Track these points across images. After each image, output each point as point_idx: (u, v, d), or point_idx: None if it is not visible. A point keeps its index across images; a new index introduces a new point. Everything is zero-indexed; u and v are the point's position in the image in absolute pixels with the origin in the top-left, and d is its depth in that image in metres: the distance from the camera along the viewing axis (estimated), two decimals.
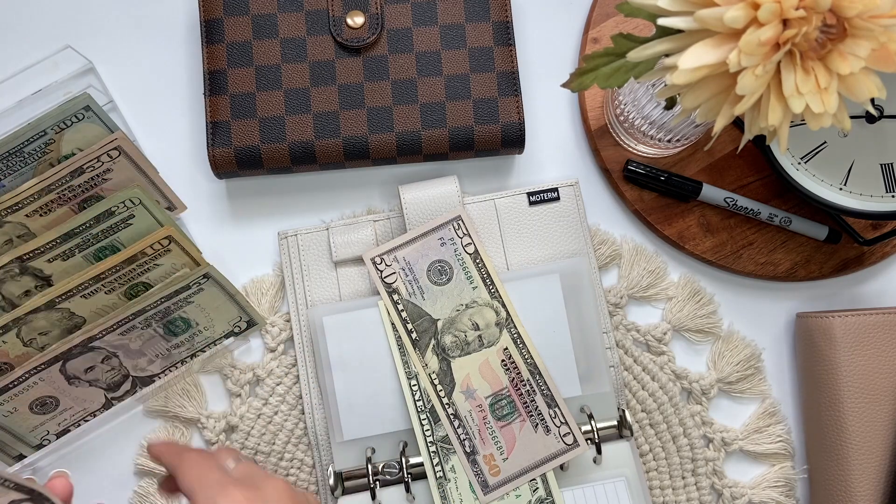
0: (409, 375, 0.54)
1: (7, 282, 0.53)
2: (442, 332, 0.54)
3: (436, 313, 0.54)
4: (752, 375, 0.59)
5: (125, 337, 0.53)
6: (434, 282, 0.54)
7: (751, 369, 0.59)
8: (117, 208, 0.53)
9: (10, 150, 0.53)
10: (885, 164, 0.55)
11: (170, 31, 0.62)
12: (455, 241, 0.55)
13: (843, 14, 0.35)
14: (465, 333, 0.54)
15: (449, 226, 0.55)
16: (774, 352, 0.61)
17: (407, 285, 0.54)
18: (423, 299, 0.54)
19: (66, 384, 0.53)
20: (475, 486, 0.52)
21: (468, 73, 0.58)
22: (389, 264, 0.55)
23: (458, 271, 0.54)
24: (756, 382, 0.60)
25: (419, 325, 0.54)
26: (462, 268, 0.54)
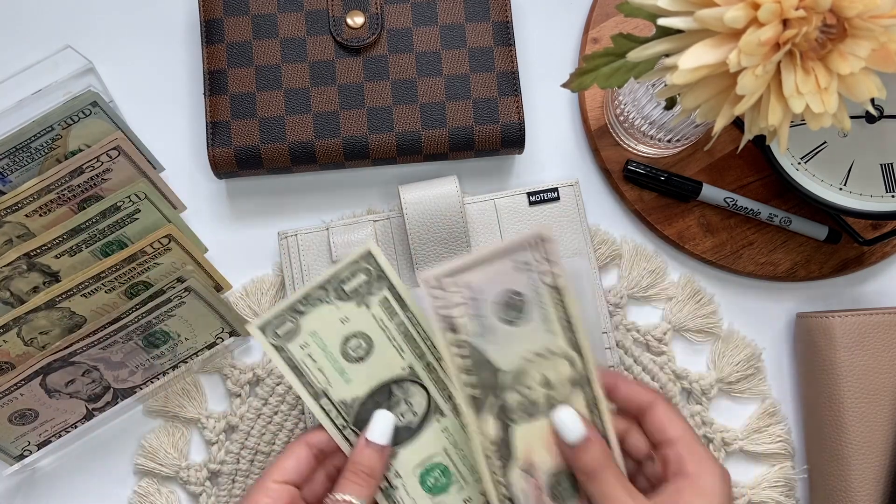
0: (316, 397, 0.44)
1: (15, 278, 0.53)
2: (504, 388, 0.42)
3: (499, 362, 0.42)
4: (752, 375, 0.59)
5: (106, 351, 0.53)
6: (502, 319, 0.41)
7: (751, 369, 0.59)
8: (123, 203, 0.53)
9: (16, 146, 0.53)
10: (884, 164, 0.55)
11: (170, 31, 0.62)
12: (532, 267, 0.41)
13: (843, 14, 0.35)
14: (531, 390, 0.42)
15: (527, 247, 0.41)
16: (774, 352, 0.61)
17: (472, 322, 0.41)
18: (487, 343, 0.41)
19: (47, 397, 0.53)
20: None
21: (468, 73, 0.58)
22: (448, 290, 0.41)
23: (533, 307, 0.41)
24: (756, 382, 0.60)
25: (481, 379, 0.41)
26: (538, 303, 0.41)
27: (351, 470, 0.43)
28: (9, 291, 0.54)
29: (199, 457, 0.58)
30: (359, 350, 0.44)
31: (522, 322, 0.42)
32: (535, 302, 0.41)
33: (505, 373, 0.42)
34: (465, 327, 0.41)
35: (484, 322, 0.41)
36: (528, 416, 0.42)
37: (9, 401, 0.52)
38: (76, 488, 0.57)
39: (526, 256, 0.41)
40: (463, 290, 0.41)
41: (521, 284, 0.41)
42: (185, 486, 0.57)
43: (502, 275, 0.41)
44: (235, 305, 0.58)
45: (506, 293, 0.41)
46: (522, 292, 0.41)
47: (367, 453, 0.43)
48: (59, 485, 0.57)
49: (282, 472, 0.43)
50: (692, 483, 0.40)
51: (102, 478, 0.58)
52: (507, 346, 0.42)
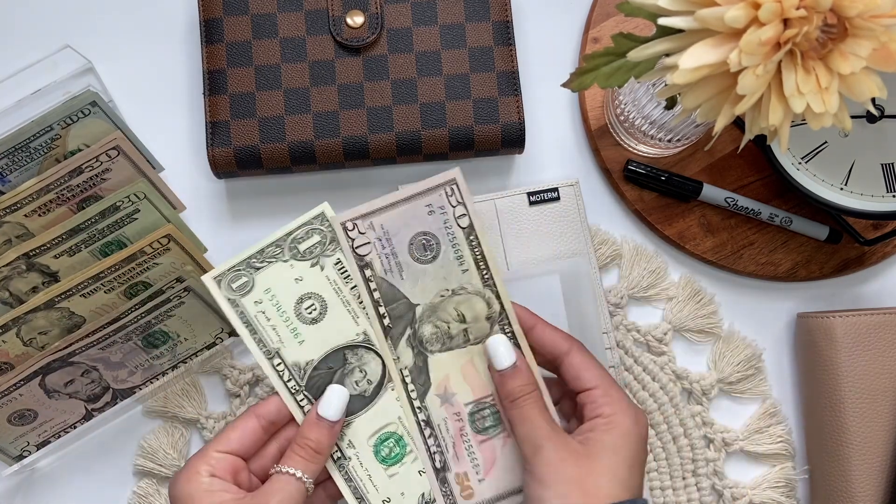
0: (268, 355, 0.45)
1: (14, 278, 0.53)
2: (421, 321, 0.45)
3: (415, 297, 0.45)
4: (753, 376, 0.59)
5: (105, 351, 0.53)
6: (416, 258, 0.44)
7: (751, 369, 0.59)
8: (122, 203, 0.53)
9: (16, 146, 0.53)
10: (885, 164, 0.55)
11: (169, 31, 0.62)
12: (446, 210, 0.44)
13: (843, 14, 0.35)
14: (448, 325, 0.45)
15: (441, 191, 0.44)
16: (775, 352, 0.61)
17: (383, 259, 0.44)
18: (402, 279, 0.45)
19: (46, 397, 0.53)
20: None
21: (468, 73, 0.58)
22: (364, 231, 0.44)
23: (447, 248, 0.44)
24: (757, 383, 0.59)
25: (394, 310, 0.45)
26: (452, 244, 0.44)
27: (299, 444, 0.43)
28: (8, 291, 0.54)
29: None
30: (312, 311, 0.44)
31: (436, 262, 0.44)
32: (447, 243, 0.44)
33: (420, 307, 0.45)
34: (379, 265, 0.44)
35: (398, 260, 0.44)
36: (444, 348, 0.45)
37: (8, 401, 0.52)
38: (76, 488, 0.57)
39: (439, 200, 0.44)
40: (377, 230, 0.44)
41: (433, 227, 0.44)
42: None
43: (415, 217, 0.44)
44: None
45: (419, 234, 0.44)
46: (435, 234, 0.44)
47: (317, 428, 0.43)
48: (58, 485, 0.57)
49: (226, 442, 0.43)
50: (607, 422, 0.41)
51: (102, 478, 0.58)
52: (422, 283, 0.45)
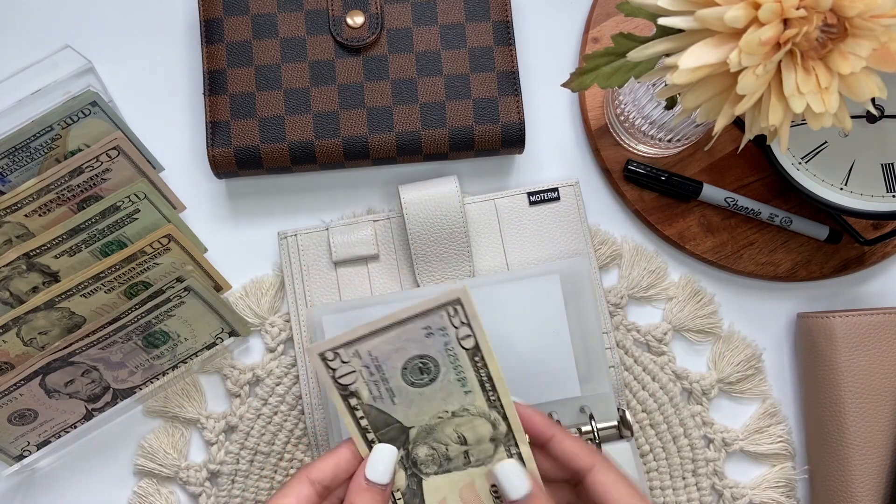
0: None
1: (14, 278, 0.53)
2: (415, 442, 0.40)
3: (409, 420, 0.40)
4: (753, 376, 0.59)
5: (105, 351, 0.53)
6: (411, 382, 0.39)
7: (751, 370, 0.59)
8: (123, 203, 0.53)
9: (16, 146, 0.53)
10: (885, 164, 0.55)
11: (169, 31, 0.62)
12: (447, 332, 0.38)
13: (843, 14, 0.35)
14: (446, 447, 0.40)
15: (442, 311, 0.38)
16: (775, 352, 0.61)
17: (371, 387, 0.38)
18: (394, 404, 0.39)
19: (47, 397, 0.53)
20: None
21: (468, 73, 0.58)
22: (347, 361, 0.38)
23: (447, 370, 0.38)
24: (757, 383, 0.59)
25: (383, 435, 0.39)
26: (453, 366, 0.38)
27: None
28: (8, 291, 0.54)
29: (199, 457, 0.58)
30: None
31: (433, 384, 0.39)
32: (447, 364, 0.38)
33: (414, 429, 0.40)
34: (367, 393, 0.38)
35: (388, 386, 0.39)
36: (441, 470, 0.40)
37: (8, 401, 0.52)
38: (76, 488, 0.57)
39: (439, 321, 0.37)
40: (363, 357, 0.38)
41: (432, 349, 0.38)
42: (184, 487, 0.57)
43: (410, 341, 0.38)
44: (235, 305, 0.58)
45: (414, 358, 0.38)
46: (433, 356, 0.38)
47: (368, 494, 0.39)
48: (58, 485, 0.57)
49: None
50: None
51: (102, 478, 0.58)
52: (417, 406, 0.39)
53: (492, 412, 0.39)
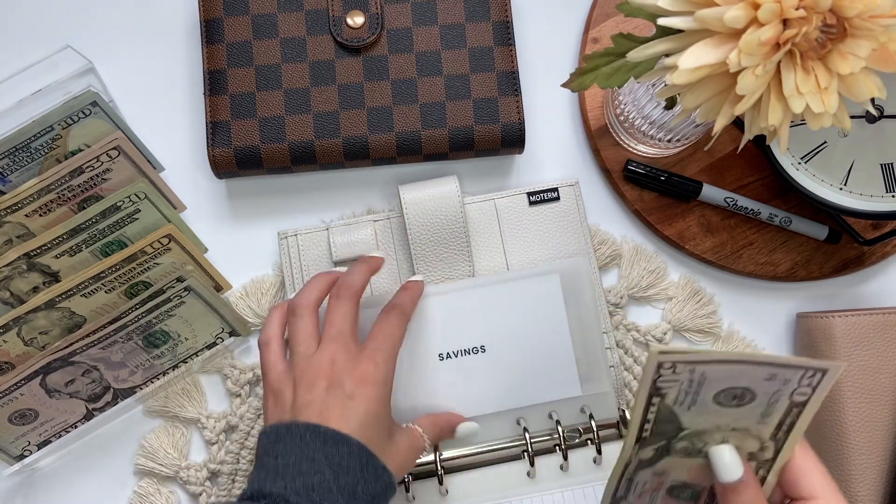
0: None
1: (15, 278, 0.53)
2: (680, 439, 0.39)
3: (690, 424, 0.38)
4: None
5: (106, 351, 0.53)
6: (719, 402, 0.37)
7: None
8: (123, 203, 0.53)
9: (16, 146, 0.53)
10: (885, 164, 0.55)
11: (170, 31, 0.62)
12: (791, 383, 0.36)
13: (843, 14, 0.35)
14: (704, 445, 0.39)
15: (802, 371, 0.36)
16: (774, 352, 0.61)
17: (680, 394, 0.37)
18: (688, 410, 0.38)
19: (47, 397, 0.53)
20: None
21: (468, 73, 0.58)
22: (679, 373, 0.36)
23: (759, 406, 0.37)
24: None
25: (659, 427, 0.39)
26: (767, 405, 0.37)
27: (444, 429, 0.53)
28: (9, 291, 0.54)
29: (199, 457, 0.58)
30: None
31: (737, 410, 0.37)
32: (765, 404, 0.37)
33: (688, 431, 0.39)
34: (670, 396, 0.37)
35: (695, 398, 0.37)
36: (686, 456, 0.40)
37: (9, 401, 0.52)
38: (76, 488, 0.57)
39: (790, 375, 0.35)
40: (694, 375, 0.36)
41: (762, 388, 0.36)
42: (185, 486, 0.57)
43: (746, 375, 0.36)
44: (235, 305, 0.58)
45: (739, 389, 0.37)
46: (757, 393, 0.37)
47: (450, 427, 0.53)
48: (59, 485, 0.57)
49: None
50: None
51: (102, 478, 0.58)
52: (706, 417, 0.38)
53: (770, 443, 0.39)
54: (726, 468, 0.38)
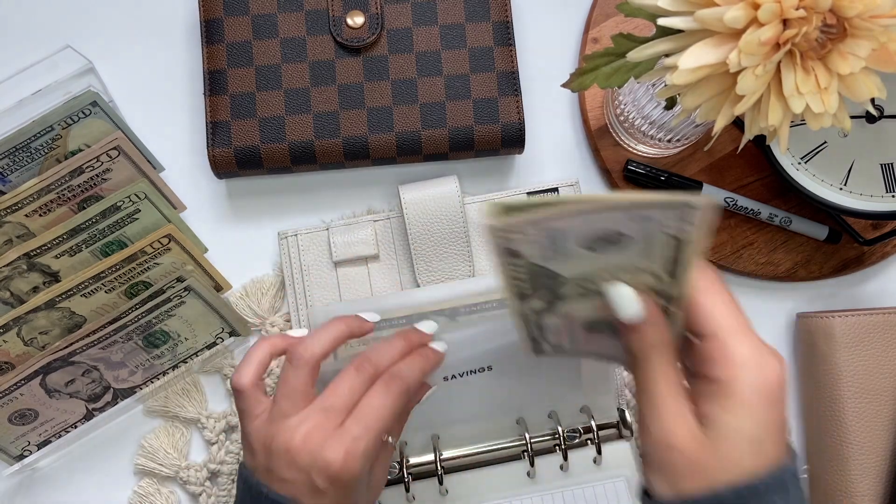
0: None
1: (15, 278, 0.53)
2: (564, 285, 0.37)
3: (566, 273, 0.36)
4: None
5: (106, 351, 0.53)
6: (589, 247, 0.34)
7: None
8: (123, 203, 0.53)
9: (16, 146, 0.53)
10: (885, 164, 0.55)
11: (170, 31, 0.62)
12: (662, 223, 0.33)
13: (843, 14, 0.35)
14: (594, 285, 0.37)
15: (677, 211, 0.32)
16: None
17: (542, 250, 0.35)
18: (559, 261, 0.36)
19: (47, 397, 0.53)
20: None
21: (468, 73, 0.58)
22: (527, 233, 0.34)
23: (637, 243, 0.34)
24: None
25: (538, 281, 0.37)
26: (646, 243, 0.34)
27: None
28: (9, 291, 0.54)
29: (199, 457, 0.58)
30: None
31: (610, 252, 0.35)
32: (640, 241, 0.34)
33: (569, 277, 0.37)
34: (533, 254, 0.35)
35: (562, 249, 0.35)
36: (583, 298, 0.38)
37: (9, 401, 0.52)
38: (76, 488, 0.57)
39: (653, 214, 0.33)
40: (548, 232, 0.34)
41: (630, 229, 0.34)
42: (185, 486, 0.57)
43: (606, 220, 0.33)
44: (235, 305, 0.58)
45: (604, 231, 0.34)
46: (629, 234, 0.34)
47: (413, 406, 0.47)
48: (59, 485, 0.57)
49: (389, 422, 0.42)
50: (719, 391, 0.34)
51: (102, 478, 0.58)
52: (584, 262, 0.36)
53: (668, 278, 0.36)
54: (621, 305, 0.36)
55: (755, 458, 0.34)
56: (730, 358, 0.35)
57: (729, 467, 0.34)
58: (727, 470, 0.34)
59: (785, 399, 0.35)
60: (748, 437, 0.34)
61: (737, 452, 0.34)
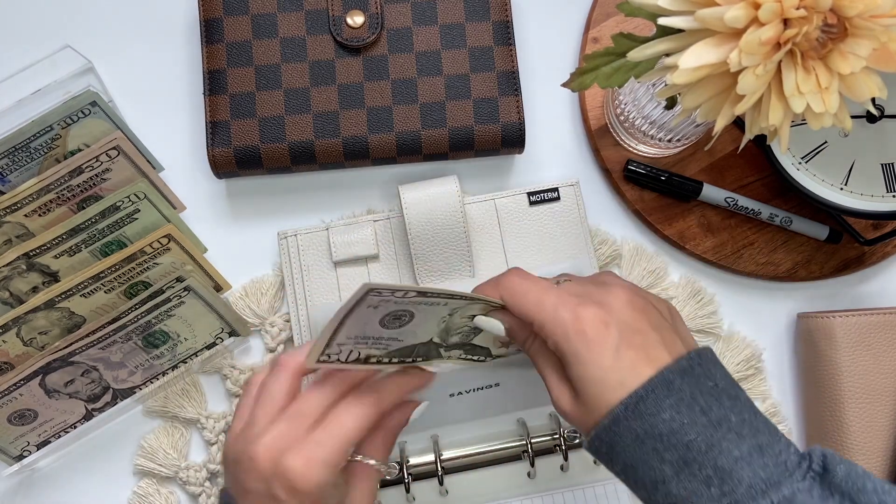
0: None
1: (14, 278, 0.53)
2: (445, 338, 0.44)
3: (425, 337, 0.43)
4: (753, 376, 0.59)
5: (105, 351, 0.53)
6: (399, 327, 0.41)
7: (751, 370, 0.59)
8: (122, 203, 0.53)
9: (16, 146, 0.53)
10: (885, 164, 0.55)
11: (169, 31, 0.62)
12: (388, 297, 0.39)
13: (843, 14, 0.35)
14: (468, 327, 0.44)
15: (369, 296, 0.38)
16: (775, 352, 0.61)
17: (375, 348, 0.42)
18: (401, 340, 0.42)
19: (47, 397, 0.53)
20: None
21: (468, 73, 0.58)
22: (339, 351, 0.40)
23: (415, 306, 0.41)
24: (757, 383, 0.59)
25: (418, 351, 0.44)
26: (414, 303, 0.40)
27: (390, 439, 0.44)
28: (8, 291, 0.54)
29: (199, 457, 0.58)
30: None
31: (415, 318, 0.41)
32: (409, 305, 0.40)
33: (435, 336, 0.44)
34: (375, 351, 0.42)
35: (386, 338, 0.42)
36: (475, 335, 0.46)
37: (8, 401, 0.52)
38: (76, 488, 0.57)
39: (372, 301, 0.39)
40: (350, 342, 0.40)
41: (388, 309, 0.40)
42: (184, 487, 0.57)
43: (368, 314, 0.39)
44: (235, 305, 0.58)
45: (383, 318, 0.40)
46: (392, 310, 0.40)
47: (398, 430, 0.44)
48: (58, 485, 0.57)
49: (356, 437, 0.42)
50: (549, 343, 0.41)
51: (102, 478, 0.58)
52: (421, 330, 0.43)
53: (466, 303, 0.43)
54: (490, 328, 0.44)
55: (615, 390, 0.38)
56: (546, 330, 0.40)
57: (600, 410, 0.38)
58: (600, 413, 0.38)
59: (610, 326, 0.39)
60: (594, 379, 0.38)
61: (595, 398, 0.38)
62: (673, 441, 0.36)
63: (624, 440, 0.37)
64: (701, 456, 0.36)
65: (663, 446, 0.36)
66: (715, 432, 0.36)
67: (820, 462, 0.36)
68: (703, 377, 0.38)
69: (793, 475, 0.35)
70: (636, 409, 0.37)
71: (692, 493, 0.36)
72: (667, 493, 0.36)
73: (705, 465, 0.36)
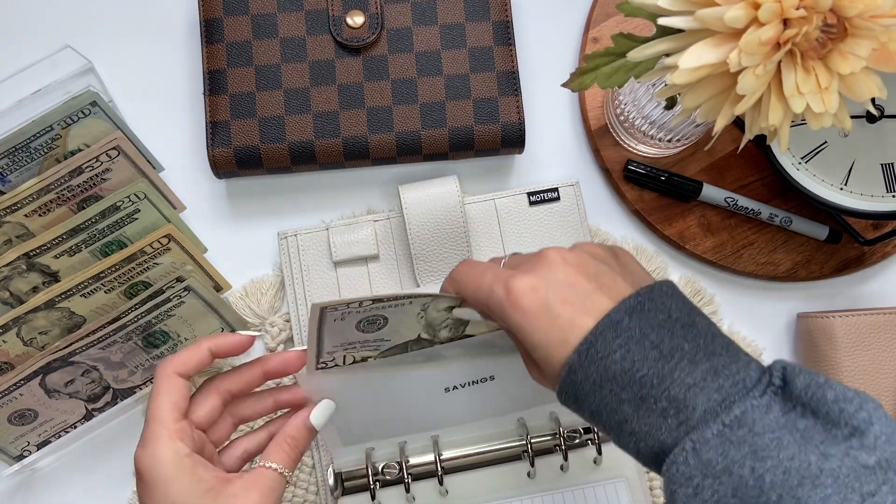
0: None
1: (14, 278, 0.53)
2: (433, 333, 0.46)
3: (411, 335, 0.46)
4: None
5: (105, 351, 0.53)
6: (378, 329, 0.44)
7: None
8: (123, 203, 0.53)
9: (16, 146, 0.53)
10: (885, 164, 0.55)
11: (169, 31, 0.62)
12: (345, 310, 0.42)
13: (843, 14, 0.35)
14: (451, 320, 0.46)
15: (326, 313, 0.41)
16: (775, 352, 0.61)
17: (366, 349, 0.45)
18: (389, 340, 0.45)
19: (47, 397, 0.53)
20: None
21: (468, 73, 0.58)
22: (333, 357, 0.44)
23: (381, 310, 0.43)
24: None
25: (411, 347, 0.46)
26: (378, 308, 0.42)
27: (287, 442, 0.44)
28: (8, 291, 0.54)
29: None
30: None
31: (390, 321, 0.43)
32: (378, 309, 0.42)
33: (420, 334, 0.45)
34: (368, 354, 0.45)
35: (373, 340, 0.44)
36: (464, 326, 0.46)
37: (8, 401, 0.52)
38: (76, 488, 0.57)
39: (334, 315, 0.41)
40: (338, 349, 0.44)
41: (359, 317, 0.42)
42: None
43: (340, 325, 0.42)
44: (235, 305, 0.58)
45: (359, 323, 0.43)
46: (364, 317, 0.42)
47: (307, 433, 0.45)
48: (58, 485, 0.57)
49: (196, 416, 0.43)
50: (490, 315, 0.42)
51: (102, 478, 0.58)
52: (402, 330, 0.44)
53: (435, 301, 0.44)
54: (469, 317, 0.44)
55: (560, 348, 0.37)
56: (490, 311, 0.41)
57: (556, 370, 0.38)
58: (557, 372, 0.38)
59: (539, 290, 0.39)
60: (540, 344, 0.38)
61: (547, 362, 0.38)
62: (627, 379, 0.36)
63: (584, 388, 0.37)
64: (654, 389, 0.36)
65: (619, 386, 0.36)
66: (666, 363, 0.36)
67: (780, 375, 0.36)
68: (654, 311, 0.37)
69: (750, 392, 0.35)
70: (588, 356, 0.37)
71: (652, 428, 0.36)
72: (631, 432, 0.36)
73: (660, 397, 0.35)
